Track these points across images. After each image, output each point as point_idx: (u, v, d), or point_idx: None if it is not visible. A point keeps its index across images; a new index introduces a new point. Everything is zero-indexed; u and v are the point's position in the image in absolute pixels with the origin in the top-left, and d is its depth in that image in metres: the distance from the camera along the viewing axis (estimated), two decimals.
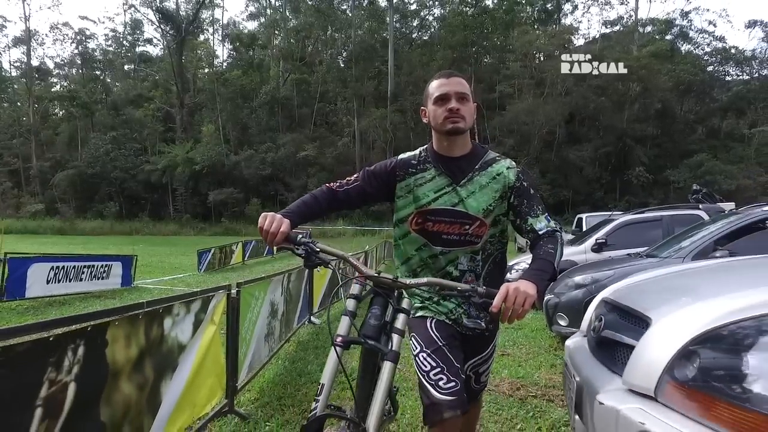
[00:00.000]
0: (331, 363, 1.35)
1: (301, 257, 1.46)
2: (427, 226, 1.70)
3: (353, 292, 1.50)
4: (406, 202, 1.72)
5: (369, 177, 1.76)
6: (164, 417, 2.05)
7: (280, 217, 1.49)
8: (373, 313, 1.40)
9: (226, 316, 2.77)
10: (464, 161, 1.71)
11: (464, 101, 1.66)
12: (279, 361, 4.05)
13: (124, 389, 1.70)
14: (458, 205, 1.67)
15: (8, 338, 1.19)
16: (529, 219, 1.66)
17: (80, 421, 1.44)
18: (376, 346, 1.34)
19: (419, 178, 1.71)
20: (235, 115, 43.49)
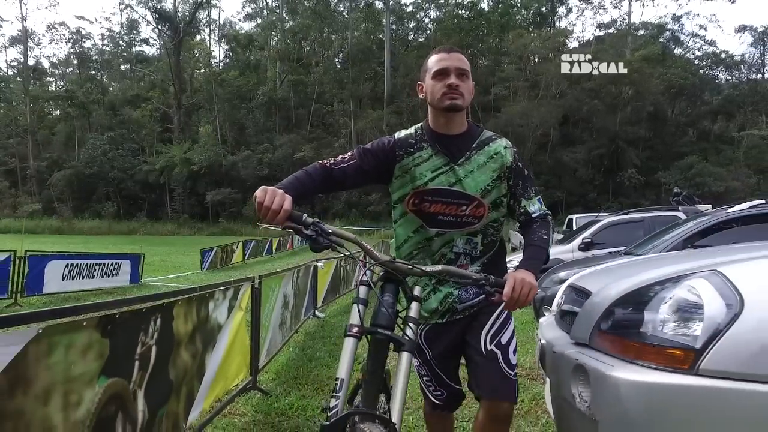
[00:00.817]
0: (347, 355, 1.26)
1: (310, 239, 1.33)
2: (423, 207, 1.63)
3: (364, 278, 1.40)
4: (403, 182, 1.66)
5: (366, 155, 1.65)
6: (207, 384, 2.46)
7: (282, 192, 1.33)
8: (386, 301, 1.33)
9: (250, 304, 3.18)
10: (461, 140, 1.66)
11: (464, 78, 1.60)
12: (290, 349, 4.46)
13: (183, 356, 2.11)
14: (456, 185, 1.61)
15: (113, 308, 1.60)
16: (523, 201, 1.65)
17: (158, 376, 1.85)
18: (392, 336, 1.28)
19: (416, 158, 1.64)
20: (232, 116, 43.81)
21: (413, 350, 1.30)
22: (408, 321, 1.33)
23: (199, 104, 46.60)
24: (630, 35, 45.52)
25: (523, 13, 51.01)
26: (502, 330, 1.65)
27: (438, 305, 1.67)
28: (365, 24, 49.00)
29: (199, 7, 50.11)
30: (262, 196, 1.31)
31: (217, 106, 43.19)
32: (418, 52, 47.16)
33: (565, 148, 38.54)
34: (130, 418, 1.65)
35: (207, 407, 2.50)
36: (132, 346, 1.66)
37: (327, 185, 1.61)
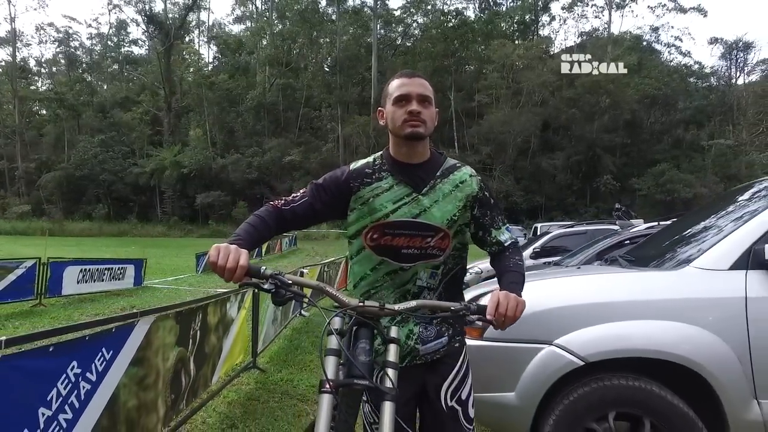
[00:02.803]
0: (323, 415, 1.15)
1: (270, 293, 1.27)
2: (384, 241, 1.53)
3: (334, 326, 1.29)
4: (360, 215, 1.55)
5: (318, 191, 1.56)
6: (223, 360, 3.56)
7: (236, 248, 1.27)
8: (362, 348, 1.25)
9: (252, 304, 4.29)
10: (424, 168, 1.57)
11: (426, 104, 1.52)
12: (280, 340, 5.56)
13: (212, 338, 3.21)
14: (420, 216, 1.52)
15: (179, 308, 2.71)
16: (493, 231, 1.60)
17: (200, 352, 2.95)
18: (374, 386, 1.19)
19: (375, 188, 1.54)
20: (221, 119, 44.67)
21: (396, 399, 1.20)
22: (387, 366, 1.24)
23: (189, 107, 47.34)
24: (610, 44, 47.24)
25: (508, 21, 52.54)
26: (463, 384, 1.59)
27: (406, 338, 1.55)
28: (353, 28, 50.10)
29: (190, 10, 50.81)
30: (215, 255, 1.25)
31: (207, 110, 44.04)
32: (406, 57, 48.48)
33: (545, 155, 40.06)
34: (186, 373, 2.76)
35: (222, 374, 3.60)
36: (188, 329, 2.76)
37: (281, 227, 1.53)
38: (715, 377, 1.94)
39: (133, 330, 2.11)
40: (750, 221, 2.18)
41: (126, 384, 2.05)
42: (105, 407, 1.89)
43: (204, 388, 3.13)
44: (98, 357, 1.85)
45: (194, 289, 10.32)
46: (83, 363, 1.76)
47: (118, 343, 1.99)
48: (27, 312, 7.27)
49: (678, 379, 2.01)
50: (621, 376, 2.04)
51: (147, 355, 2.24)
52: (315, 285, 1.35)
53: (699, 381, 1.96)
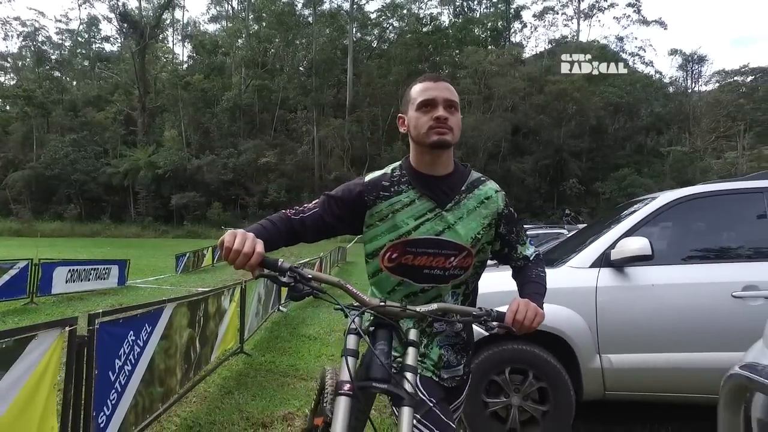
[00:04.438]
0: (341, 420, 1.05)
1: (288, 287, 1.19)
2: (405, 260, 1.44)
3: (352, 326, 1.20)
4: (379, 232, 1.45)
5: (329, 204, 1.46)
6: (218, 343, 4.31)
7: (252, 236, 1.20)
8: (381, 349, 1.17)
9: (240, 299, 5.04)
10: (448, 181, 1.47)
11: (452, 110, 1.42)
12: (262, 331, 6.31)
13: (211, 325, 3.96)
14: (443, 234, 1.42)
15: (190, 298, 3.46)
16: (519, 248, 1.55)
17: (203, 335, 3.70)
18: (390, 390, 1.11)
19: (395, 203, 1.43)
20: (197, 120, 44.71)
21: (415, 404, 1.13)
22: (406, 370, 1.17)
23: (164, 107, 47.16)
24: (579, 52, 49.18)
25: (481, 27, 54.06)
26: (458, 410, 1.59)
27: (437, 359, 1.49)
28: (330, 31, 50.73)
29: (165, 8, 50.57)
30: (230, 239, 1.17)
31: (182, 110, 44.00)
32: (381, 61, 49.42)
33: (514, 159, 41.56)
34: (194, 350, 3.51)
35: (218, 355, 4.35)
36: (195, 316, 3.51)
37: (291, 237, 1.43)
38: (574, 341, 2.82)
39: (163, 312, 2.86)
40: (607, 232, 3.08)
41: (158, 351, 2.80)
42: (147, 366, 2.64)
43: (205, 364, 3.88)
44: (143, 330, 2.60)
45: (176, 289, 10.91)
46: (136, 333, 2.51)
47: (154, 321, 2.74)
48: (21, 309, 7.81)
49: (551, 343, 2.88)
50: (514, 342, 2.90)
51: (170, 333, 3.00)
52: (335, 281, 1.25)
53: (564, 344, 2.84)
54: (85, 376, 2.05)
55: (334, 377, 1.71)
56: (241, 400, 3.56)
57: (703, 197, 3.02)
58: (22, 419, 1.64)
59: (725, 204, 3.00)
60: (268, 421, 3.14)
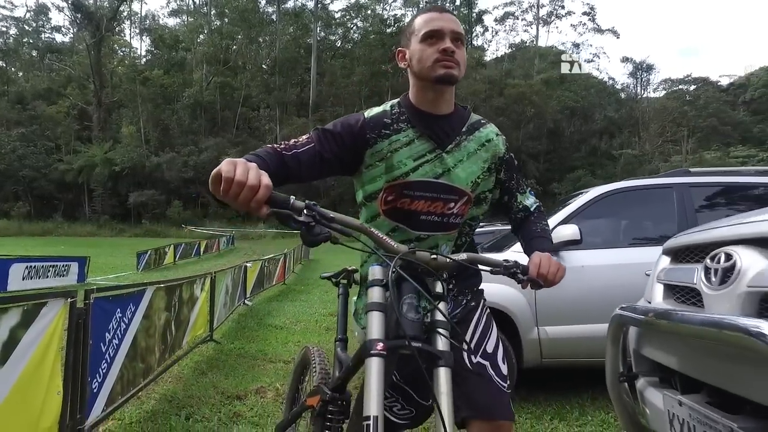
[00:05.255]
0: (375, 383, 0.93)
1: (305, 227, 0.96)
2: (401, 204, 1.32)
3: (375, 276, 1.08)
4: (377, 173, 1.33)
5: (326, 139, 1.29)
6: (190, 329, 4.52)
7: (256, 166, 0.96)
8: (409, 304, 1.03)
9: (210, 289, 5.25)
10: (449, 122, 1.36)
11: (459, 44, 1.30)
12: (229, 322, 6.51)
13: (185, 311, 4.18)
14: (443, 177, 1.31)
15: (167, 282, 3.69)
16: (519, 196, 1.47)
17: (177, 319, 3.92)
18: (426, 349, 0.99)
19: (393, 142, 1.31)
20: (156, 116, 43.65)
21: (451, 364, 1.01)
22: (437, 327, 1.04)
23: (121, 102, 45.78)
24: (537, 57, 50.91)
25: None
26: (486, 335, 1.43)
27: None
28: (294, 29, 50.49)
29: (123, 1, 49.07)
30: (230, 169, 0.92)
31: (141, 106, 42.85)
32: (345, 60, 49.58)
33: None
34: (170, 333, 3.73)
35: (190, 340, 4.57)
36: (171, 300, 3.73)
37: (283, 174, 1.21)
38: (516, 316, 3.23)
39: (144, 294, 3.09)
40: (552, 217, 3.51)
41: (140, 330, 3.02)
42: (131, 343, 2.87)
43: (178, 347, 4.10)
44: (128, 308, 2.83)
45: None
46: (122, 310, 2.73)
47: (137, 301, 2.97)
48: None
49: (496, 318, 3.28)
50: None
51: (150, 314, 3.22)
52: (357, 225, 1.08)
53: (508, 318, 3.25)
54: (82, 344, 2.29)
55: (319, 356, 1.75)
56: (214, 379, 3.81)
57: (625, 191, 3.51)
58: (37, 374, 1.87)
59: (643, 197, 3.50)
60: (242, 394, 3.41)
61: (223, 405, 3.19)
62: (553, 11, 52.73)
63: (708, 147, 39.16)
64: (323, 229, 0.98)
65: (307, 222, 0.97)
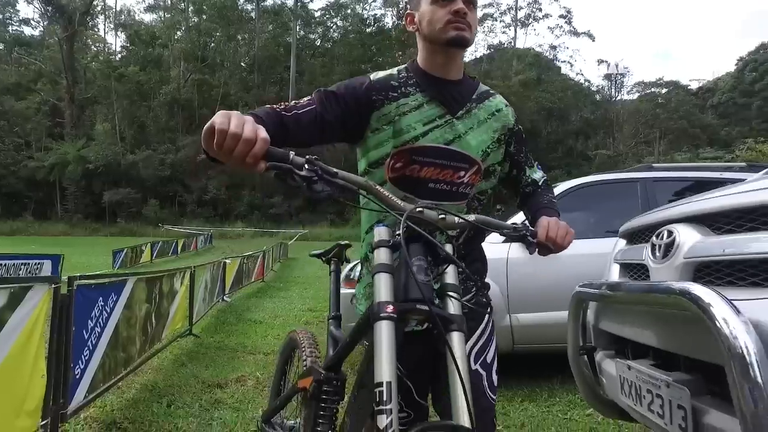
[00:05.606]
0: (386, 348, 0.86)
1: (306, 183, 0.91)
2: (411, 171, 1.26)
3: (381, 236, 0.99)
4: (384, 138, 1.27)
5: (329, 101, 1.22)
6: (169, 322, 4.55)
7: (251, 119, 0.90)
8: (418, 265, 0.95)
9: (189, 284, 5.28)
10: (459, 88, 1.32)
11: (471, 7, 1.27)
12: (208, 318, 6.53)
13: (164, 304, 4.20)
14: (453, 143, 1.27)
15: (148, 274, 3.72)
16: (527, 170, 1.44)
17: (157, 311, 3.96)
18: (437, 312, 0.90)
19: (401, 105, 1.26)
20: (131, 113, 42.89)
21: (465, 329, 0.95)
22: (448, 290, 0.99)
23: (95, 99, 44.83)
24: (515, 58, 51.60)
25: None
26: (488, 346, 1.39)
27: None
28: (273, 27, 50.17)
29: None
30: (223, 121, 0.86)
31: (116, 103, 42.05)
32: (324, 59, 49.50)
33: None
34: (150, 324, 3.76)
35: (169, 333, 4.59)
36: (152, 292, 3.76)
37: (279, 135, 1.09)
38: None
39: (126, 284, 3.13)
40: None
41: (122, 320, 3.06)
42: (113, 331, 2.91)
43: (158, 340, 4.13)
44: (110, 297, 2.87)
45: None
46: (105, 299, 2.77)
47: (119, 291, 3.01)
48: None
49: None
50: None
51: (131, 304, 3.26)
52: (362, 182, 1.02)
53: None
54: (65, 330, 2.33)
55: (307, 338, 1.69)
56: (194, 370, 3.86)
57: (593, 185, 3.68)
58: (22, 356, 1.92)
59: (610, 191, 3.68)
60: (222, 383, 3.47)
61: (204, 393, 3.25)
62: (531, 13, 53.52)
63: (679, 148, 40.32)
64: (325, 186, 0.93)
65: (309, 177, 0.91)
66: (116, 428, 2.65)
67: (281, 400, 1.69)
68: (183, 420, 2.73)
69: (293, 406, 1.71)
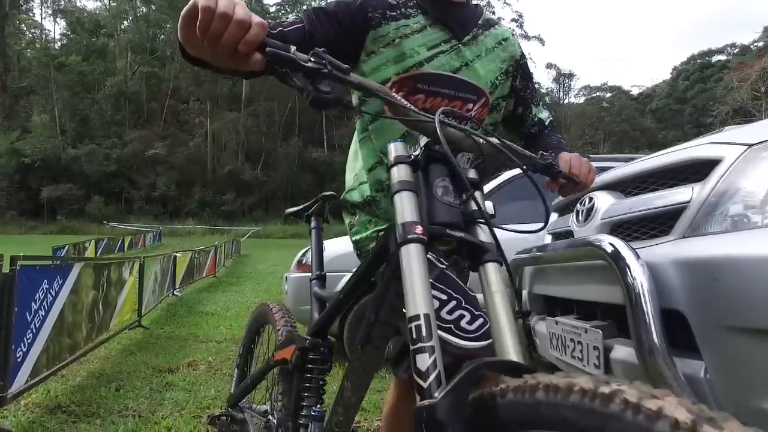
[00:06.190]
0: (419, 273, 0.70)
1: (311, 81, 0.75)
2: (415, 102, 1.09)
3: (399, 152, 0.83)
4: (383, 61, 1.12)
5: (319, 19, 1.07)
6: (117, 312, 4.45)
7: (243, 3, 0.73)
8: (444, 187, 0.80)
9: (138, 274, 5.16)
10: (464, 11, 1.19)
11: None
12: (157, 310, 6.39)
13: (112, 293, 4.11)
14: (460, 72, 1.14)
15: (97, 261, 3.64)
16: (533, 108, 1.32)
17: (105, 300, 3.87)
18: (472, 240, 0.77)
19: (402, 27, 1.12)
20: (73, 105, 40.78)
21: (501, 260, 0.78)
22: (476, 216, 0.82)
23: (31, 89, 42.31)
24: None
25: None
26: None
27: None
28: None
29: None
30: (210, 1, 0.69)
31: (56, 93, 39.85)
32: None
33: None
34: (98, 312, 3.68)
35: (117, 324, 4.49)
36: (99, 279, 3.68)
37: None
38: None
39: (72, 268, 3.06)
40: None
41: (67, 304, 2.99)
42: (58, 316, 2.84)
43: (105, 330, 4.04)
44: (56, 281, 2.80)
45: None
46: (50, 282, 2.71)
47: (65, 275, 2.94)
48: None
49: None
50: None
51: (78, 289, 3.19)
52: (377, 86, 0.84)
53: None
54: (7, 311, 2.28)
55: (281, 310, 1.53)
56: (144, 358, 3.80)
57: None
58: None
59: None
60: (174, 368, 3.45)
61: (155, 377, 3.22)
62: None
63: (621, 150, 42.47)
64: (335, 85, 0.76)
65: (316, 69, 0.75)
66: (61, 411, 2.60)
67: (253, 379, 1.53)
68: (133, 401, 2.71)
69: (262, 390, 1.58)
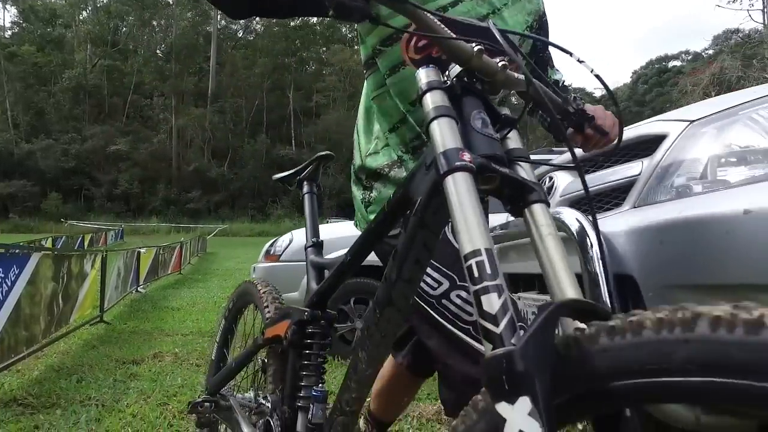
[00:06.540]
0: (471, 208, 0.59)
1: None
2: (438, 52, 0.97)
3: (431, 77, 0.72)
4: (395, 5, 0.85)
5: None
6: (78, 306, 4.32)
7: None
8: (483, 119, 0.70)
9: (100, 268, 5.02)
10: None
11: None
12: (121, 306, 6.23)
13: (73, 286, 3.98)
14: (488, 20, 0.84)
15: (57, 252, 3.53)
16: (549, 70, 1.24)
17: (65, 293, 3.75)
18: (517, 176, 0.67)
19: None
20: (27, 98, 39.11)
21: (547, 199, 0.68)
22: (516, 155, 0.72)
23: None
24: None
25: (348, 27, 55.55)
26: None
27: None
28: (192, 15, 47.89)
29: None
30: None
31: (7, 85, 38.10)
32: (246, 51, 48.06)
33: None
34: (57, 305, 3.57)
35: (77, 318, 4.36)
36: (59, 271, 3.57)
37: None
38: None
39: (30, 257, 2.96)
40: None
41: (24, 296, 2.89)
42: (14, 307, 2.75)
43: (65, 323, 3.92)
44: (11, 270, 2.71)
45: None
46: (5, 271, 2.62)
47: (21, 264, 2.84)
48: None
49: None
50: (357, 277, 3.56)
51: (36, 280, 3.09)
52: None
53: None
54: None
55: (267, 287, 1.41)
56: (107, 351, 3.71)
57: None
58: None
59: None
60: (138, 360, 3.38)
61: (118, 369, 3.15)
62: None
63: None
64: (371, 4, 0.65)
65: None
66: (17, 404, 2.51)
67: (238, 362, 1.37)
68: (95, 392, 2.65)
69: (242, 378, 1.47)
